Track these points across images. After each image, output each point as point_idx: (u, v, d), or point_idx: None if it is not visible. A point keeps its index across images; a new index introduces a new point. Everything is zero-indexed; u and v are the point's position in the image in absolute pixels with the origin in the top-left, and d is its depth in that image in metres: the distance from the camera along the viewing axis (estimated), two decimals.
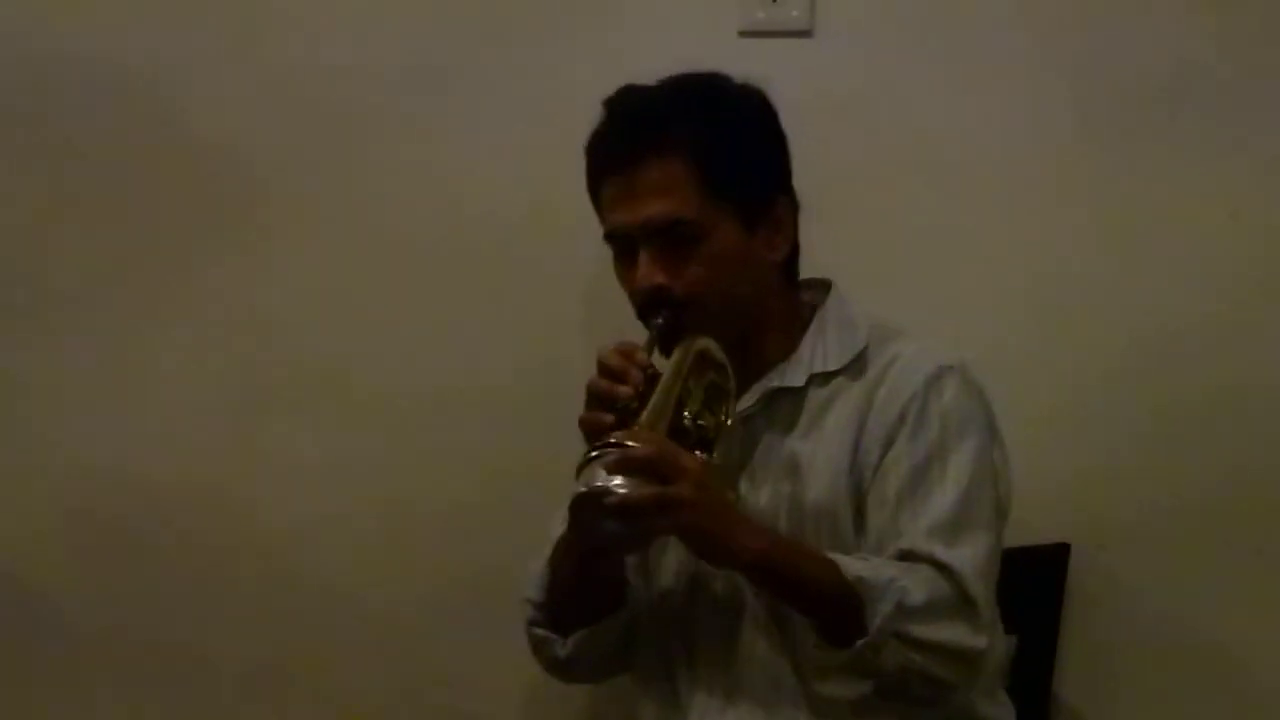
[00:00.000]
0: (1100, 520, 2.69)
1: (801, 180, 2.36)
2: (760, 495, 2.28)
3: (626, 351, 2.18)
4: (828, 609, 2.13)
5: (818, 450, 2.26)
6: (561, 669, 2.34)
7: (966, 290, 2.72)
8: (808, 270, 2.40)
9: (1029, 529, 2.52)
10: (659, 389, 2.14)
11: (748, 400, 2.29)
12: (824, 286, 2.39)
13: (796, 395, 2.29)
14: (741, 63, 2.38)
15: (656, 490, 2.01)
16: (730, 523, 2.12)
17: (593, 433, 2.11)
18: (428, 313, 2.93)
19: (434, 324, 2.93)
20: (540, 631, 2.33)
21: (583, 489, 2.00)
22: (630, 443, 2.02)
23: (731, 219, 2.26)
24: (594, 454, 2.02)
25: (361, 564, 2.94)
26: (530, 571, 2.34)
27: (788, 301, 2.35)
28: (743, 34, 2.82)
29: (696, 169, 2.22)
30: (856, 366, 2.29)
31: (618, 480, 2.00)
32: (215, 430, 2.97)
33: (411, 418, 2.93)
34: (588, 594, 2.29)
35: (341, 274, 2.96)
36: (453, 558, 2.91)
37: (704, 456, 2.16)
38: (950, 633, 2.12)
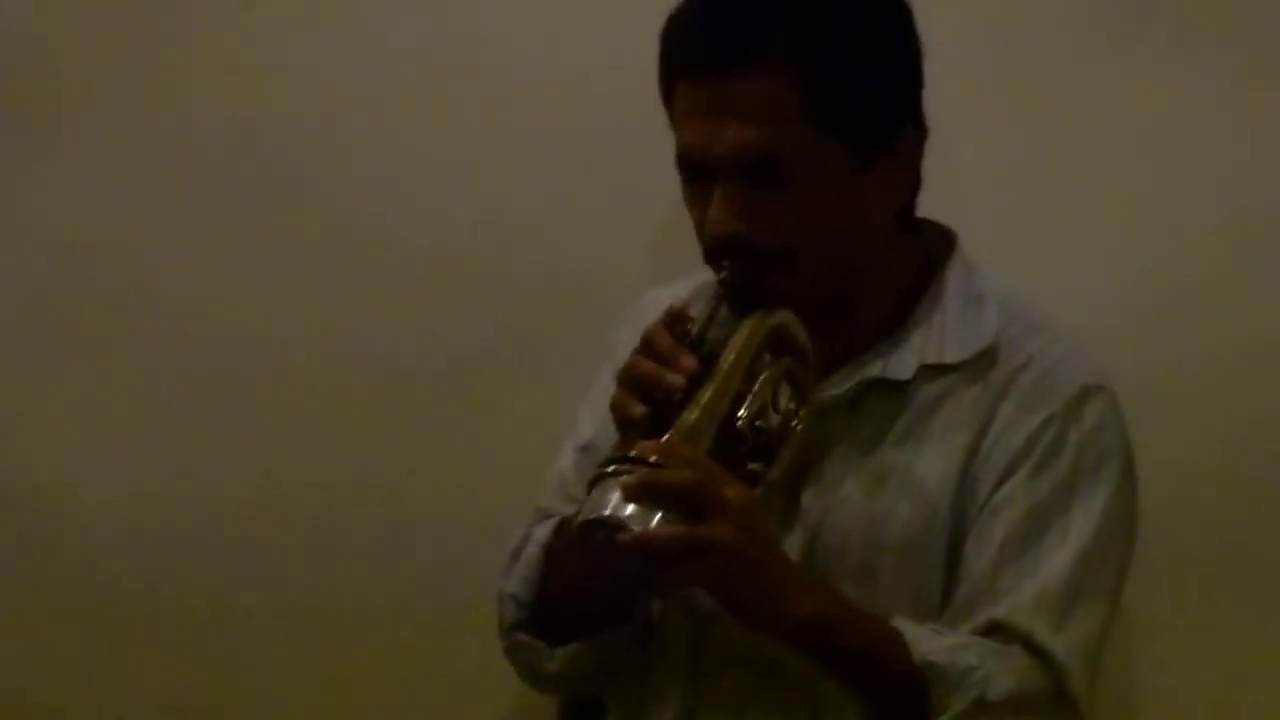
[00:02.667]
0: None
1: None
2: (827, 511, 1.87)
3: (676, 317, 1.77)
4: (886, 694, 1.80)
5: (915, 464, 1.86)
6: (544, 683, 1.99)
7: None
8: None
9: None
10: (714, 380, 1.74)
11: (833, 387, 1.87)
12: (945, 237, 1.95)
13: (898, 389, 1.88)
14: None
15: (683, 531, 1.65)
16: (774, 578, 1.74)
17: (621, 423, 1.75)
18: (260, 243, 2.50)
19: (265, 257, 2.49)
20: (524, 637, 1.95)
21: (591, 515, 1.67)
22: (659, 460, 1.66)
23: (839, 156, 1.80)
24: (612, 468, 1.67)
25: (152, 544, 2.51)
26: (516, 555, 1.96)
27: (898, 254, 1.91)
28: None
29: (801, 90, 1.76)
30: (980, 363, 1.88)
31: (635, 510, 1.65)
32: None
33: (233, 372, 2.50)
34: (590, 601, 1.90)
35: (160, 188, 2.50)
36: (278, 545, 2.50)
37: (757, 470, 1.77)
38: None
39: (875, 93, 1.80)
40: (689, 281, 1.95)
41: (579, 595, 1.88)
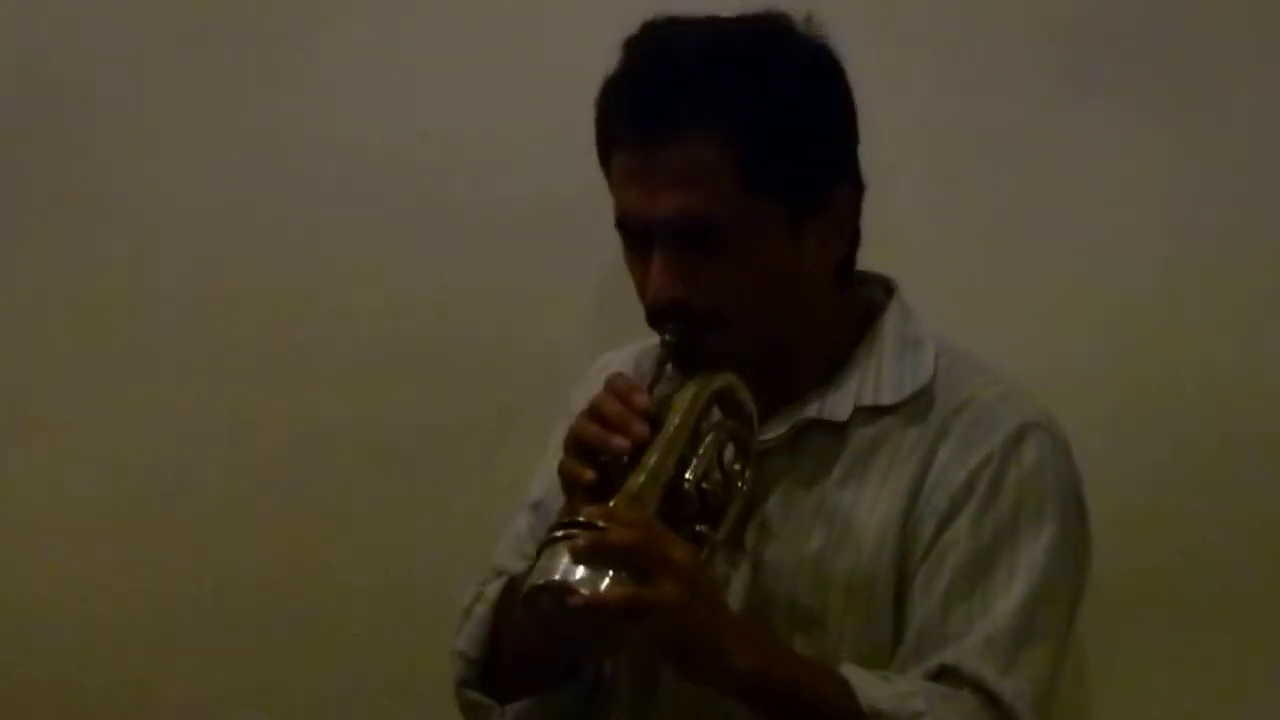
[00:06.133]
0: None
1: None
2: (773, 552, 1.88)
3: (625, 391, 1.77)
4: None
5: (858, 505, 1.86)
6: None
7: None
8: None
9: None
10: (658, 443, 1.75)
11: (772, 430, 1.88)
12: (884, 286, 1.97)
13: (836, 431, 1.89)
14: None
15: (630, 592, 1.66)
16: (719, 634, 1.73)
17: (568, 487, 1.76)
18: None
19: (240, 339, 2.50)
20: (474, 695, 1.94)
21: (540, 581, 1.67)
22: (605, 524, 1.67)
23: (776, 218, 1.82)
24: (559, 534, 1.68)
25: (105, 617, 2.53)
26: (467, 613, 1.96)
27: (836, 308, 1.92)
28: None
29: (735, 156, 1.78)
30: (917, 403, 1.89)
31: (584, 573, 1.66)
32: None
33: (215, 456, 2.51)
34: (540, 658, 1.89)
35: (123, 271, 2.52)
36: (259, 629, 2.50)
37: (703, 532, 1.78)
38: None
39: (808, 155, 1.81)
40: (641, 344, 1.96)
41: (528, 653, 1.87)
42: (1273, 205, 2.28)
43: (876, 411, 1.87)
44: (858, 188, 1.87)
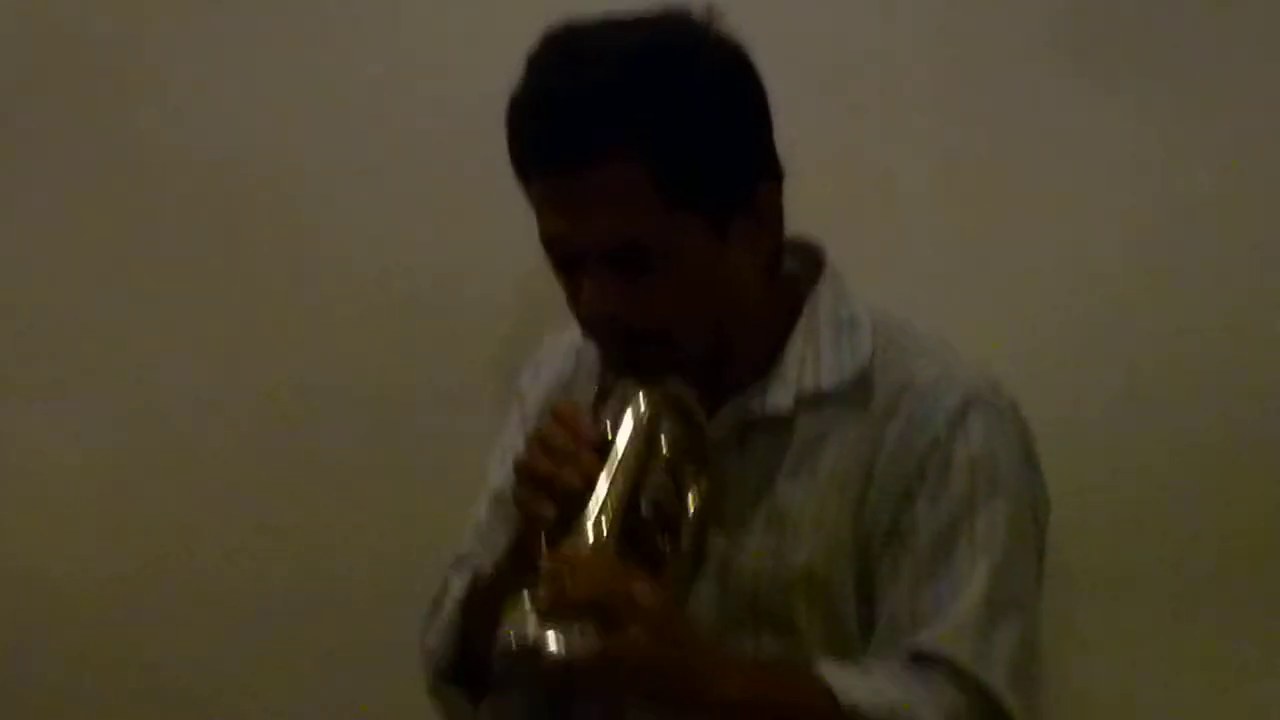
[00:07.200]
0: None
1: None
2: (730, 554, 1.87)
3: (572, 419, 1.76)
4: None
5: (809, 500, 1.86)
6: None
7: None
8: None
9: None
10: (610, 474, 1.73)
11: (717, 430, 1.87)
12: (813, 257, 1.94)
13: (781, 424, 1.87)
14: None
15: (599, 648, 1.63)
16: (696, 669, 1.72)
17: (529, 520, 1.75)
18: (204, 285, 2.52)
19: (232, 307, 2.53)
20: (447, 689, 1.95)
21: (508, 639, 1.64)
22: (569, 576, 1.65)
23: (702, 228, 1.79)
24: (524, 592, 1.66)
25: (109, 583, 2.55)
26: (436, 606, 1.97)
27: (770, 296, 1.90)
28: None
29: (655, 175, 1.75)
30: (858, 389, 1.87)
31: (551, 631, 1.63)
32: None
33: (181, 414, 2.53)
34: None
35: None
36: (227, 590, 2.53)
37: (664, 547, 1.78)
38: None
39: (725, 160, 1.78)
40: None
41: None
42: (1272, 189, 2.27)
43: (818, 399, 1.86)
44: (777, 178, 1.84)
